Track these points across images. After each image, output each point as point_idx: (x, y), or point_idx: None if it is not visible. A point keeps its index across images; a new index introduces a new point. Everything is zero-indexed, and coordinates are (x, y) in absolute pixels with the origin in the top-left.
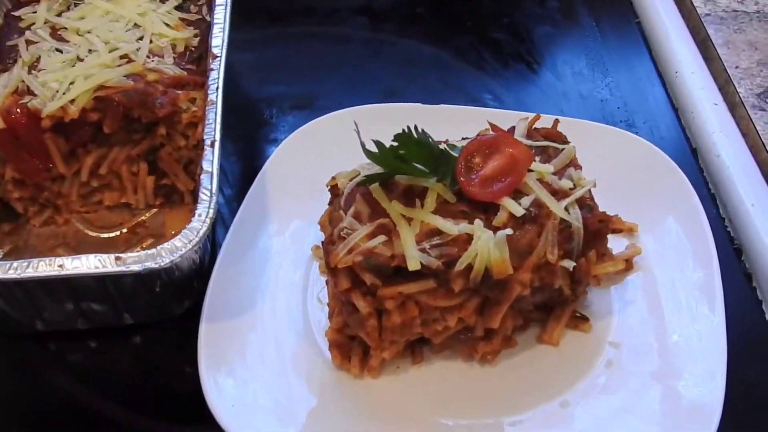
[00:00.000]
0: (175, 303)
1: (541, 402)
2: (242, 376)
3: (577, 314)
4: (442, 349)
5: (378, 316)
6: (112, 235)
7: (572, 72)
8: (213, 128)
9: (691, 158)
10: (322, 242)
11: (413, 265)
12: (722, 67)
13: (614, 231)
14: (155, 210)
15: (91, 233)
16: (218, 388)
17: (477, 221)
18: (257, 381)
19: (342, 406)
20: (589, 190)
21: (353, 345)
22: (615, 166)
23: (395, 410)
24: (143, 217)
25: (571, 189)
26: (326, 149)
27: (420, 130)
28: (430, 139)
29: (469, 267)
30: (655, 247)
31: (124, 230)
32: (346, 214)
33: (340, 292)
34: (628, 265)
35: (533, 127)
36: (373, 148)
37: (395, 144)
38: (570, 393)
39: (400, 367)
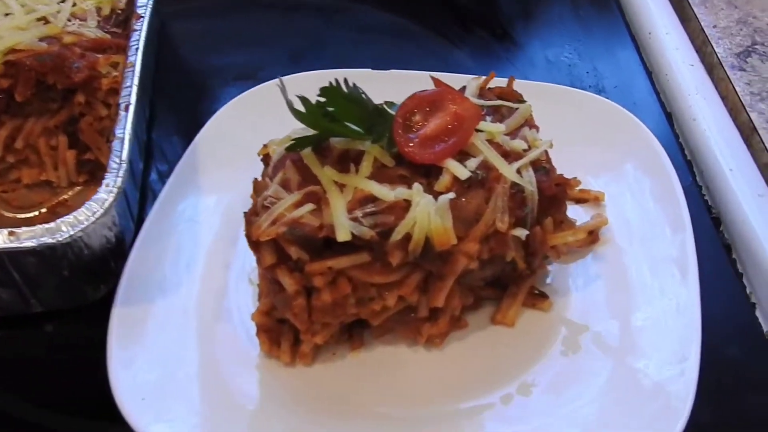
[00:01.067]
0: (89, 287)
1: (495, 388)
2: (158, 367)
3: (536, 291)
4: (383, 332)
5: (307, 295)
6: (30, 215)
7: (539, 37)
8: (129, 92)
9: (666, 123)
10: (245, 213)
11: (342, 235)
12: (699, 26)
13: (579, 201)
14: (79, 188)
15: (7, 214)
16: (129, 380)
17: (416, 185)
18: (175, 372)
19: (272, 398)
20: (546, 153)
21: (283, 329)
22: (580, 131)
23: (333, 401)
24: (65, 196)
25: (525, 151)
26: (263, 120)
27: (351, 84)
28: (363, 95)
29: (408, 237)
30: (623, 217)
31: (44, 210)
32: (273, 182)
33: (263, 268)
34: (593, 237)
35: (487, 87)
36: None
37: (322, 100)
38: (527, 376)
39: (337, 353)
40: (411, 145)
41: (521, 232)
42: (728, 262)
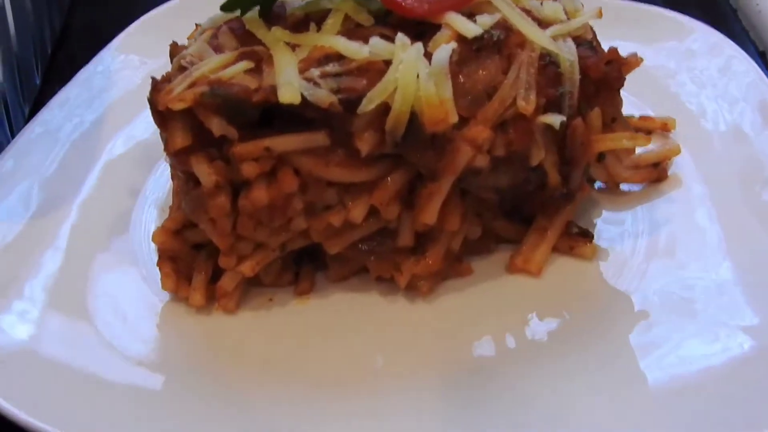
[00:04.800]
0: None
1: (506, 376)
2: (27, 318)
3: (574, 229)
4: (344, 271)
5: (233, 195)
6: None
7: None
8: None
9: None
10: (152, 78)
11: (288, 95)
12: None
13: (640, 130)
14: None
15: None
16: None
17: (400, 36)
18: (47, 325)
19: (173, 364)
20: (592, 30)
21: (198, 258)
22: (650, 49)
23: (263, 370)
24: None
25: (562, 21)
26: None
27: None
28: None
29: (385, 110)
30: (702, 155)
31: None
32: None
33: (172, 153)
34: (659, 171)
35: None
36: None
37: None
38: (561, 361)
39: (275, 299)
40: None
41: (555, 120)
42: None
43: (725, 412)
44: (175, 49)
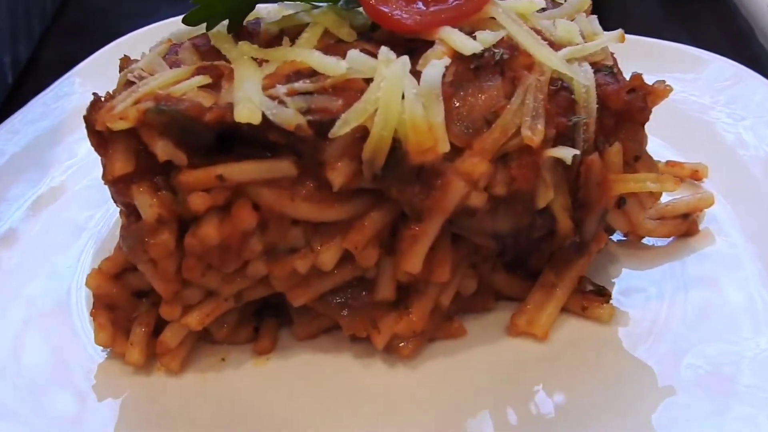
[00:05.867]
0: None
1: None
2: None
3: (588, 286)
4: (312, 329)
5: (180, 233)
6: None
7: None
8: None
9: None
10: (94, 94)
11: (246, 114)
12: None
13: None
14: None
15: None
16: None
17: (384, 50)
18: None
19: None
20: (613, 56)
21: (141, 308)
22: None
23: None
24: None
25: (578, 44)
26: None
27: None
28: None
29: (363, 135)
30: (738, 207)
31: None
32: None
33: (110, 182)
34: (689, 224)
35: None
36: None
37: None
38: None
39: (228, 359)
40: (386, 1)
41: (566, 154)
42: None
43: None
44: (125, 63)
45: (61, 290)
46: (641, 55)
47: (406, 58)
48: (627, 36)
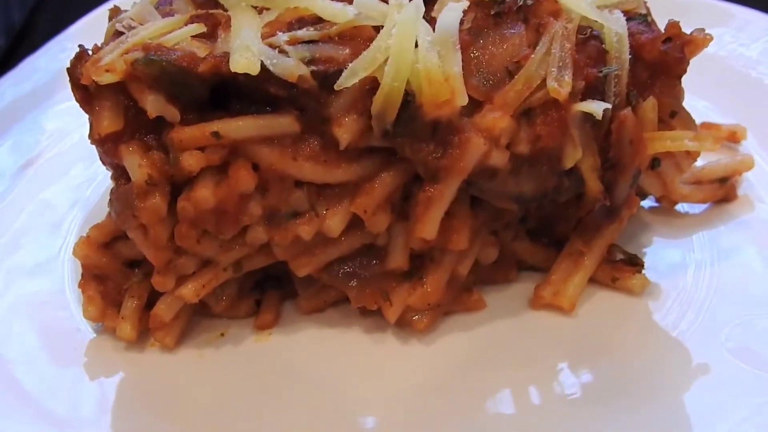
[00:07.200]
0: None
1: None
2: None
3: (619, 254)
4: (318, 302)
5: (173, 196)
6: None
7: None
8: None
9: None
10: (80, 46)
11: (243, 63)
12: None
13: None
14: None
15: None
16: None
17: None
18: None
19: (96, 416)
20: (646, 5)
21: (132, 279)
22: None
23: (208, 429)
24: None
25: None
26: None
27: None
28: None
29: (373, 87)
30: None
31: None
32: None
33: (97, 141)
34: (727, 189)
35: None
36: None
37: None
38: (596, 426)
39: (227, 334)
40: None
41: (596, 108)
42: None
43: None
44: (114, 13)
45: (47, 261)
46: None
47: (419, 2)
48: None
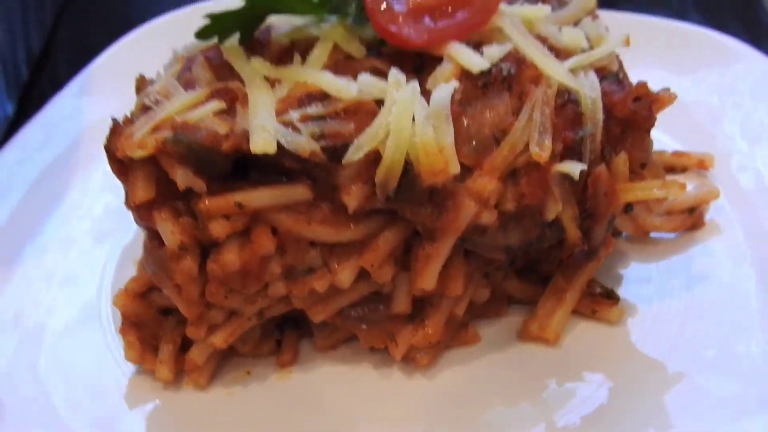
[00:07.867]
0: None
1: None
2: None
3: (597, 288)
4: (332, 341)
5: (203, 257)
6: None
7: None
8: None
9: None
10: (113, 120)
11: (261, 143)
12: None
13: (673, 169)
14: None
15: None
16: None
17: (394, 72)
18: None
19: None
20: (619, 60)
21: (166, 326)
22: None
23: None
24: None
25: (584, 50)
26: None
27: None
28: None
29: (376, 159)
30: (743, 199)
31: None
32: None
33: (132, 207)
34: (695, 218)
35: None
36: None
37: None
38: None
39: (253, 373)
40: (395, 19)
41: (574, 169)
42: None
43: None
44: (141, 84)
45: (87, 302)
46: (663, 43)
47: (416, 83)
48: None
